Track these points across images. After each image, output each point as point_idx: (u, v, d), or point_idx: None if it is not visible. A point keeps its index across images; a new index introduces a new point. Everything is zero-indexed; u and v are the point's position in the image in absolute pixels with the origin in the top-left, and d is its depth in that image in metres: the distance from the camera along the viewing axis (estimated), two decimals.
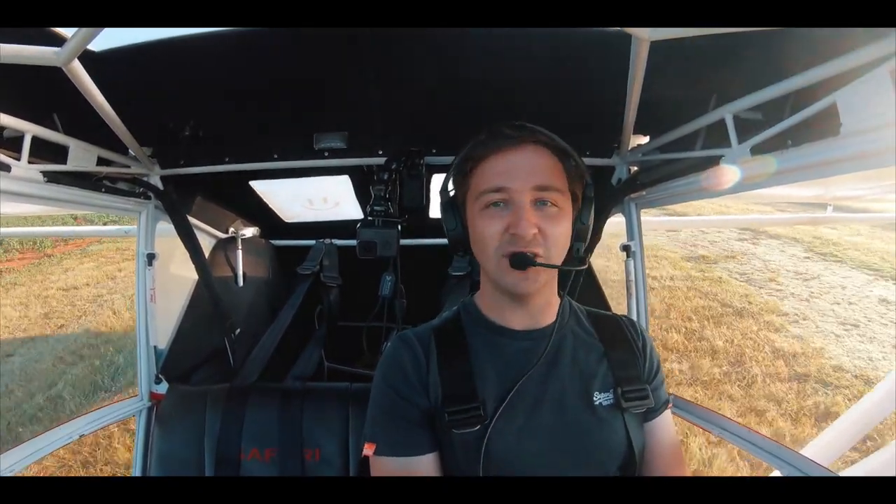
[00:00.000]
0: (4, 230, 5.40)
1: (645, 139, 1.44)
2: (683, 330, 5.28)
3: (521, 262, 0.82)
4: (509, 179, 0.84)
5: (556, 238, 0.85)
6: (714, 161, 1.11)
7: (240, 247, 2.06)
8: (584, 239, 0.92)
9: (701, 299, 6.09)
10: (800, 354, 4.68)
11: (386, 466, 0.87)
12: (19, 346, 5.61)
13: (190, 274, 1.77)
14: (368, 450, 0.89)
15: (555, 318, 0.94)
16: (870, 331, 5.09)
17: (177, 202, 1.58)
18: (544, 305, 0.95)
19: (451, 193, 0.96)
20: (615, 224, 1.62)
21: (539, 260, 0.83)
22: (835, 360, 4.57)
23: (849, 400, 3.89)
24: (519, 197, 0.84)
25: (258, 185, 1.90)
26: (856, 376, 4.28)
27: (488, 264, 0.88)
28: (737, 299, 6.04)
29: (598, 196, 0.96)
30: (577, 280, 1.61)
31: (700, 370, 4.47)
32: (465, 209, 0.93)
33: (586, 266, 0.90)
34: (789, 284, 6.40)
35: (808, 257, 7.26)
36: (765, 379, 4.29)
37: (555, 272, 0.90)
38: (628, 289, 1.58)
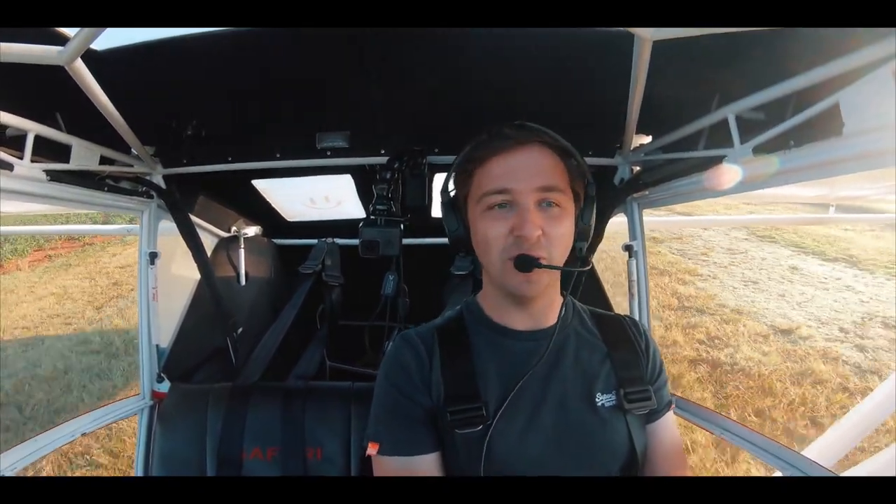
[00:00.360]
0: (6, 228, 5.48)
1: (647, 139, 1.43)
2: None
3: (526, 264, 0.82)
4: (512, 181, 0.83)
5: (560, 239, 0.85)
6: (717, 161, 1.11)
7: (242, 246, 2.07)
8: (587, 238, 0.92)
9: None
10: (694, 297, 5.93)
11: (389, 466, 0.87)
12: (105, 302, 6.90)
13: (192, 273, 1.77)
14: (372, 449, 0.89)
15: (557, 318, 0.94)
16: (766, 286, 6.19)
17: (179, 201, 1.59)
18: (547, 306, 0.94)
19: (452, 194, 0.96)
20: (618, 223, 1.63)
21: (543, 262, 0.83)
22: (722, 301, 5.77)
23: (716, 322, 5.19)
24: (522, 198, 0.83)
25: (260, 184, 1.90)
26: (732, 310, 5.48)
27: (491, 267, 0.88)
28: (664, 265, 7.06)
29: (601, 196, 0.95)
30: (580, 280, 1.61)
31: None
32: (467, 210, 0.92)
33: (589, 266, 0.90)
34: (716, 257, 7.43)
35: (747, 238, 8.09)
36: (657, 308, 5.53)
37: (557, 273, 0.89)
38: (630, 289, 1.58)
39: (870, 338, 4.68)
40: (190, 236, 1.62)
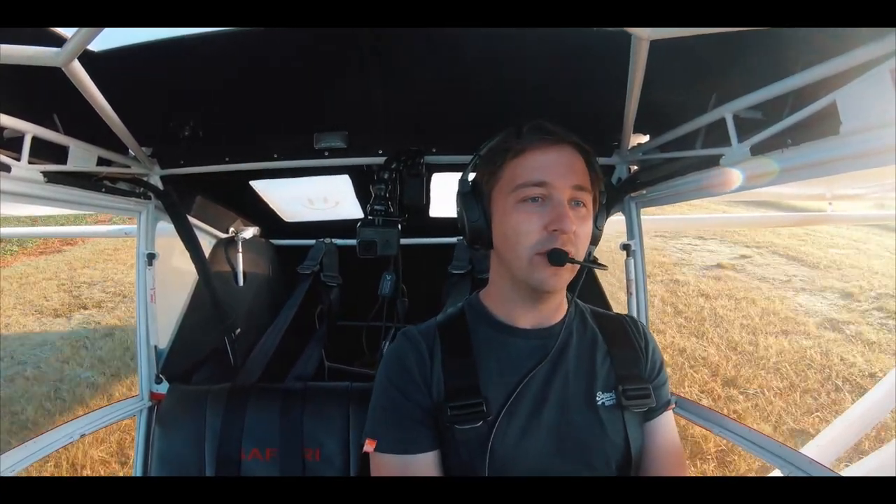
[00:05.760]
0: (5, 230, 5.47)
1: (645, 138, 1.44)
2: None
3: (560, 258, 0.82)
4: (550, 175, 0.84)
5: (585, 238, 0.87)
6: (714, 160, 1.11)
7: (240, 247, 2.06)
8: (596, 243, 0.93)
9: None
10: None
11: (386, 463, 0.88)
12: None
13: (190, 274, 1.77)
14: (369, 446, 0.89)
15: (562, 317, 0.95)
16: None
17: (177, 202, 1.58)
18: (558, 304, 0.95)
19: (473, 182, 0.94)
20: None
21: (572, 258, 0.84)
22: None
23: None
24: (559, 194, 0.84)
25: (258, 185, 1.89)
26: None
27: (517, 260, 0.87)
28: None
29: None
30: (580, 278, 1.61)
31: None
32: (491, 201, 0.91)
33: (607, 266, 0.92)
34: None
35: None
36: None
37: (575, 271, 0.90)
38: (628, 287, 1.58)
39: None
40: (188, 237, 1.61)
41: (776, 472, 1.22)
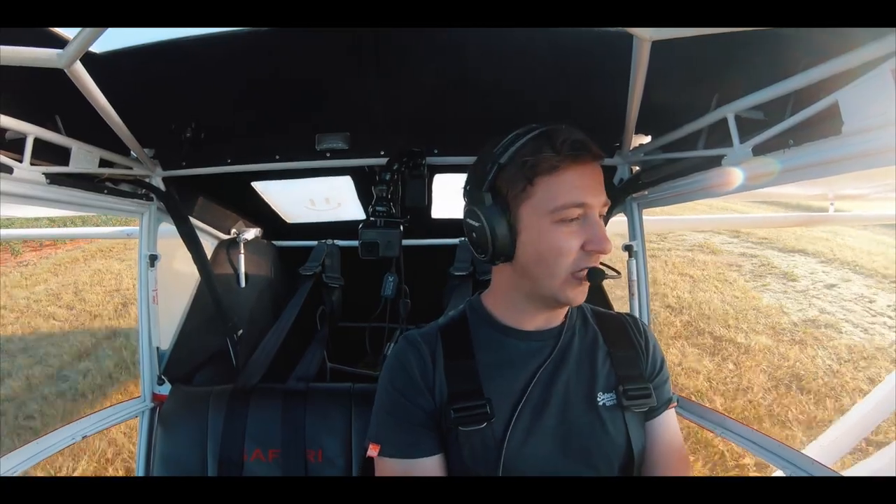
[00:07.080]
0: (7, 231, 5.47)
1: (647, 139, 1.43)
2: None
3: (599, 276, 0.83)
4: (590, 195, 0.82)
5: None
6: (716, 161, 1.11)
7: (242, 248, 2.06)
8: None
9: None
10: None
11: (390, 468, 0.88)
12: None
13: (192, 275, 1.77)
14: (373, 450, 0.89)
15: (564, 318, 0.95)
16: None
17: (179, 203, 1.58)
18: (564, 309, 0.96)
19: (493, 192, 0.86)
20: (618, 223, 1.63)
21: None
22: None
23: None
24: (593, 213, 0.83)
25: (260, 186, 1.90)
26: None
27: (551, 279, 0.84)
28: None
29: None
30: None
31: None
32: (517, 215, 0.85)
33: (619, 274, 0.93)
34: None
35: None
36: None
37: None
38: (630, 288, 1.58)
39: None
40: (189, 238, 1.62)
41: (778, 473, 1.22)
